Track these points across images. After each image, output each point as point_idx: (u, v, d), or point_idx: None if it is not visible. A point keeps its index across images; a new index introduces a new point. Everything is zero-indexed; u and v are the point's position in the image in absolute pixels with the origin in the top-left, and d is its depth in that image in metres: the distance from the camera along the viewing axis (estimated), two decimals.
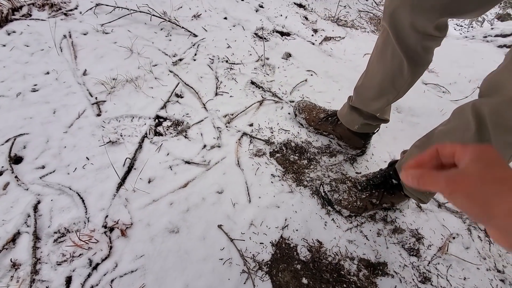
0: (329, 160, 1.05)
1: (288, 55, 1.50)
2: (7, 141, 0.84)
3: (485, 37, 2.37)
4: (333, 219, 0.89)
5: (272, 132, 1.08)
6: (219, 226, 0.80)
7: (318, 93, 1.31)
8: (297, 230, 0.84)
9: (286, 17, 1.83)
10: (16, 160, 0.82)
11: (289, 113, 1.18)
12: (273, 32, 1.64)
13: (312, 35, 1.75)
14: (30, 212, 0.72)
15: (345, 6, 2.61)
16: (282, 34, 1.67)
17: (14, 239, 0.68)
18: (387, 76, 0.80)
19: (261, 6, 1.86)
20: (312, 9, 2.22)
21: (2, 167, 0.79)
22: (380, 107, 0.88)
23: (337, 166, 1.04)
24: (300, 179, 0.97)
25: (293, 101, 1.22)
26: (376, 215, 0.93)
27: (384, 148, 1.14)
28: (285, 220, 0.86)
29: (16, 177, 0.78)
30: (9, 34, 1.14)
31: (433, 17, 0.63)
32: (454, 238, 0.97)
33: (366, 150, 1.08)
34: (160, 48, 1.29)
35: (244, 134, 1.04)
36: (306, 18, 1.96)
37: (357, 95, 0.92)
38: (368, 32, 2.16)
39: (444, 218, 0.99)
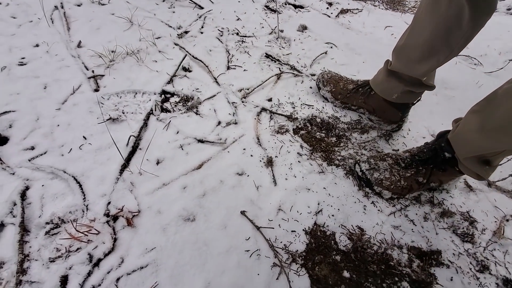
0: (361, 137, 0.92)
1: (304, 27, 1.35)
2: None
3: (509, 9, 2.23)
4: (373, 202, 0.76)
5: (294, 108, 0.95)
6: (242, 213, 0.68)
7: (341, 65, 1.17)
8: (333, 215, 0.71)
9: None
10: (1, 140, 0.70)
11: (311, 87, 1.04)
12: (285, 4, 1.49)
13: (327, 8, 1.60)
14: (16, 200, 0.60)
15: None
16: (295, 6, 1.52)
17: None
18: (441, 30, 0.67)
19: None
20: None
21: None
22: (428, 69, 0.74)
23: (370, 143, 0.91)
24: (330, 158, 0.84)
25: (314, 74, 1.09)
26: (421, 197, 0.80)
27: (421, 123, 1.01)
28: (318, 204, 0.73)
29: (0, 160, 0.65)
30: None
31: None
32: (508, 220, 0.83)
33: (402, 125, 0.95)
34: (163, 20, 1.15)
35: (263, 109, 0.91)
36: None
37: (399, 56, 0.79)
38: (385, 9, 2.00)
39: (496, 198, 0.86)
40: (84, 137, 0.74)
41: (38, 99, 0.79)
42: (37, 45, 0.91)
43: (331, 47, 1.27)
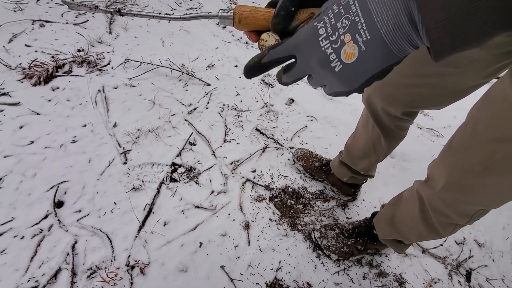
0: (323, 205, 1.18)
1: (291, 101, 1.66)
2: (52, 187, 1.03)
3: None
4: (322, 263, 1.01)
5: (272, 178, 1.23)
6: (222, 267, 0.94)
7: (316, 139, 1.45)
8: (289, 272, 0.96)
9: None
10: (59, 204, 1.01)
11: (288, 159, 1.32)
12: None
13: (293, 83, 1.91)
14: (69, 251, 0.89)
15: None
16: None
17: (56, 275, 0.85)
18: (369, 142, 0.94)
19: None
20: None
21: (48, 211, 0.97)
22: (364, 166, 1.01)
23: (329, 211, 1.16)
24: (295, 223, 1.10)
25: (293, 147, 1.37)
26: (363, 259, 1.04)
27: (375, 194, 1.26)
28: (279, 262, 0.98)
29: (58, 220, 0.96)
30: (53, 90, 1.37)
31: (400, 108, 0.77)
32: (435, 282, 1.05)
33: (356, 197, 1.20)
34: (178, 98, 1.48)
35: (248, 180, 1.19)
36: None
37: (346, 152, 1.06)
38: None
39: (428, 263, 1.08)
40: (114, 202, 1.04)
41: (84, 171, 1.10)
42: (85, 125, 1.25)
43: (312, 120, 1.56)
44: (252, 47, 2.07)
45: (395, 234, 0.85)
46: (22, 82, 1.36)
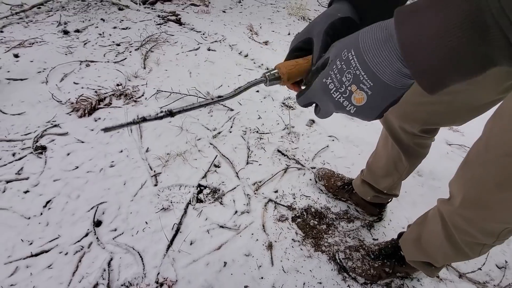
0: (347, 226, 1.16)
1: (312, 122, 1.70)
2: (92, 208, 1.14)
3: None
4: (348, 286, 0.98)
5: (294, 198, 1.24)
6: (245, 287, 0.95)
7: (338, 158, 1.46)
8: None
9: None
10: (97, 223, 1.10)
11: (310, 179, 1.33)
12: None
13: (325, 118, 1.94)
14: (105, 267, 0.96)
15: None
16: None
17: None
18: (390, 160, 0.94)
19: None
20: None
21: (88, 229, 1.07)
22: (387, 185, 1.00)
23: (354, 232, 1.14)
24: (318, 244, 1.09)
25: (314, 167, 1.39)
26: (392, 283, 0.99)
27: (403, 214, 1.21)
28: (303, 284, 0.97)
29: (97, 238, 1.04)
30: (95, 120, 1.55)
31: (417, 125, 0.77)
32: None
33: (382, 217, 1.17)
34: (204, 123, 1.59)
35: (270, 200, 1.22)
36: None
37: (368, 171, 1.06)
38: None
39: None
40: (146, 222, 1.11)
41: (120, 193, 1.20)
42: (121, 151, 1.38)
43: (333, 140, 1.57)
44: None
45: (423, 256, 0.82)
46: (70, 114, 1.56)
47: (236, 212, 1.17)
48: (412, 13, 0.24)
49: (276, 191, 1.27)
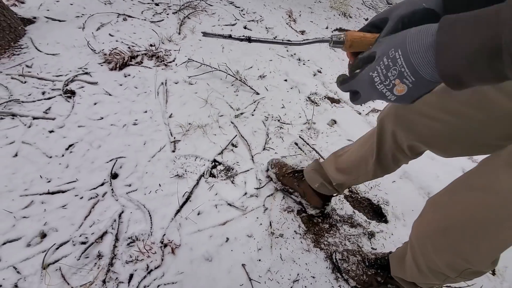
0: (349, 230, 1.18)
1: (334, 122, 1.69)
2: (111, 160, 1.18)
3: None
4: (340, 286, 1.01)
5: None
6: (243, 265, 0.99)
7: None
8: (305, 287, 0.99)
9: None
10: (114, 176, 1.14)
11: None
12: (324, 98, 1.86)
13: (361, 105, 1.92)
14: (116, 218, 1.01)
15: None
16: (333, 100, 1.88)
17: (102, 236, 0.97)
18: (358, 159, 0.93)
19: (319, 71, 2.11)
20: None
21: (105, 179, 1.11)
22: (340, 180, 1.01)
23: (355, 237, 1.16)
24: (318, 241, 1.12)
25: None
26: None
27: (406, 232, 1.23)
28: (297, 274, 1.01)
29: (112, 189, 1.09)
30: (125, 76, 1.56)
31: (410, 137, 0.75)
32: None
33: (325, 211, 1.16)
34: (228, 101, 1.59)
35: (280, 190, 1.24)
36: None
37: (331, 158, 1.05)
38: None
39: None
40: (159, 184, 1.15)
41: (139, 151, 1.24)
42: (145, 111, 1.40)
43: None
44: (304, 64, 2.14)
45: (403, 273, 0.84)
46: (101, 65, 1.57)
47: (245, 193, 1.20)
48: (452, 25, 0.31)
49: None
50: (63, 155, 1.16)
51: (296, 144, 1.48)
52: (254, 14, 2.54)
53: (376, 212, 1.30)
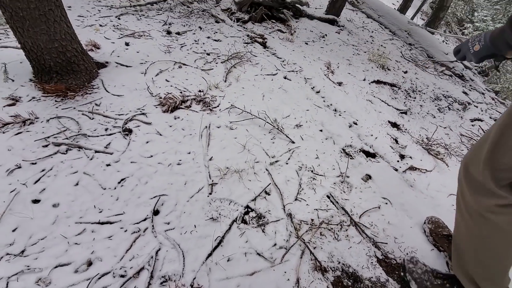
0: None
1: (368, 177, 1.68)
2: (155, 197, 1.28)
3: None
4: None
5: (332, 255, 1.24)
6: None
7: (388, 224, 1.41)
8: None
9: (376, 137, 2.05)
10: (155, 212, 1.24)
11: (353, 237, 1.32)
12: (359, 151, 1.87)
13: (398, 161, 1.89)
14: (153, 255, 1.08)
15: (445, 127, 2.66)
16: (368, 154, 1.88)
17: (139, 272, 1.03)
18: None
19: (355, 123, 2.15)
20: (406, 129, 2.39)
21: (147, 215, 1.21)
22: None
23: None
24: None
25: (360, 223, 1.36)
26: None
27: None
28: None
29: (153, 225, 1.17)
30: (175, 118, 1.74)
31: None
32: None
33: None
34: (265, 148, 1.68)
35: (308, 248, 1.24)
36: (396, 141, 2.13)
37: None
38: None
39: None
40: (194, 225, 1.22)
41: (180, 191, 1.34)
42: (189, 153, 1.53)
43: (386, 203, 1.53)
44: (339, 115, 2.20)
45: None
46: (156, 107, 1.78)
47: (275, 244, 1.21)
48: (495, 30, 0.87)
49: (315, 246, 1.28)
50: (115, 188, 1.29)
51: (329, 197, 1.49)
52: (294, 65, 2.73)
53: None
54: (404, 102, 2.82)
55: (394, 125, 2.41)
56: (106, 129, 1.56)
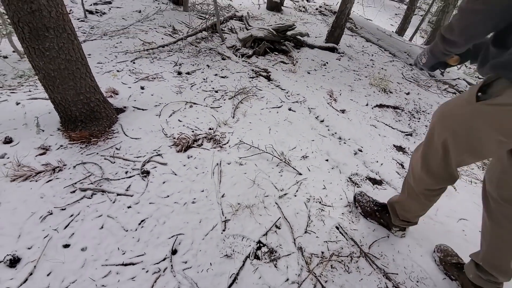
0: None
1: None
2: (172, 236, 1.38)
3: None
4: None
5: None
6: None
7: (397, 253, 1.44)
8: None
9: (381, 164, 2.11)
10: (174, 251, 1.32)
11: (363, 268, 1.35)
12: (365, 179, 1.93)
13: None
14: None
15: None
16: (374, 182, 1.93)
17: None
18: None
19: (360, 150, 2.22)
20: (411, 152, 2.43)
21: (166, 255, 1.30)
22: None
23: None
24: None
25: (369, 254, 1.40)
26: None
27: None
28: None
29: (171, 265, 1.26)
30: (188, 157, 1.87)
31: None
32: None
33: None
34: (273, 182, 1.77)
35: (319, 282, 1.28)
36: (402, 166, 2.18)
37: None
38: (476, 183, 2.15)
39: None
40: (210, 263, 1.29)
41: (195, 229, 1.43)
42: (202, 191, 1.64)
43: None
44: (344, 143, 2.28)
45: None
46: (171, 147, 1.92)
47: (287, 279, 1.27)
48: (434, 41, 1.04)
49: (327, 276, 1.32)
50: (136, 229, 1.40)
51: (337, 228, 1.54)
52: (298, 95, 2.87)
53: None
54: (409, 124, 2.89)
55: (400, 148, 2.47)
56: (126, 172, 1.70)
